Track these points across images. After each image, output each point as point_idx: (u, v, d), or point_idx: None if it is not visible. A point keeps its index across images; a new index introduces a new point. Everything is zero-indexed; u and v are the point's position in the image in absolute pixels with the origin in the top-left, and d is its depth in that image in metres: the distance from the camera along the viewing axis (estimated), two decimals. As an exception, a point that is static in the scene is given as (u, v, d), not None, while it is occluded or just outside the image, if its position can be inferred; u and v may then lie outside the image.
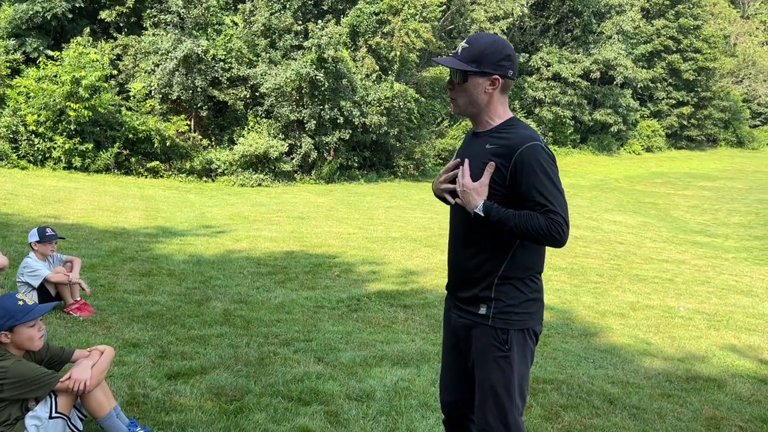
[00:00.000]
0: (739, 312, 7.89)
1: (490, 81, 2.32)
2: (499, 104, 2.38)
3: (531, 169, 2.22)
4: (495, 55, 2.31)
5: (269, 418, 3.52)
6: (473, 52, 2.32)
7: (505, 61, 2.33)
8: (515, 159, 2.24)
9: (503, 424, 2.34)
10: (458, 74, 2.33)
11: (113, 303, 5.81)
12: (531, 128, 2.36)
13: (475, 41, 2.34)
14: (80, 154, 18.02)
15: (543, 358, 5.19)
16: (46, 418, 2.79)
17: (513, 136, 2.30)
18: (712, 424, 4.03)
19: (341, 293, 7.09)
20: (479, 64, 2.30)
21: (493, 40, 2.34)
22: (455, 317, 2.48)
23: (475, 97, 2.34)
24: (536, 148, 2.25)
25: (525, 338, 2.35)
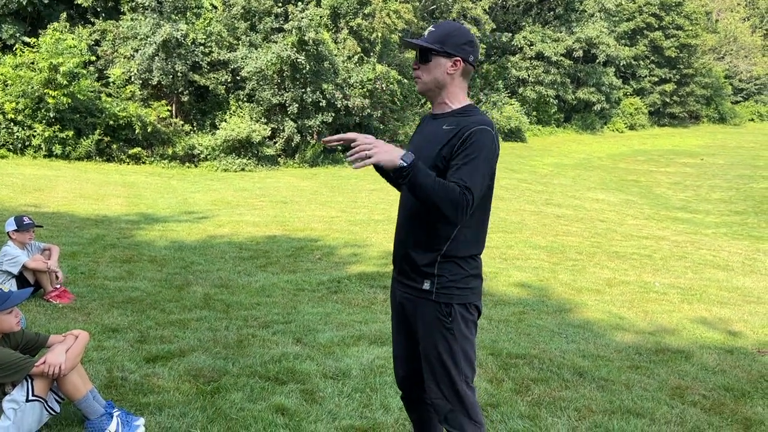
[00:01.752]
0: (713, 286, 8.08)
1: (452, 62, 2.43)
2: (459, 88, 2.49)
3: (472, 149, 2.31)
4: (458, 38, 2.43)
5: (245, 397, 3.61)
6: (438, 35, 2.44)
7: (467, 45, 2.45)
8: (463, 134, 2.34)
9: (454, 392, 2.44)
10: (424, 52, 2.44)
11: (93, 290, 5.85)
12: (488, 118, 2.44)
13: (441, 25, 2.46)
14: (60, 142, 17.88)
15: (517, 334, 5.32)
16: (23, 401, 2.86)
17: (470, 118, 2.41)
18: (676, 394, 4.18)
19: (322, 276, 7.17)
20: (443, 45, 2.42)
21: (458, 26, 2.48)
22: (400, 294, 2.58)
23: (437, 75, 2.44)
24: (485, 132, 2.34)
25: (467, 311, 2.45)
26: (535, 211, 15.55)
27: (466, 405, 2.47)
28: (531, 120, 35.70)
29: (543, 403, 3.85)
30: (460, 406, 2.45)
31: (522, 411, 3.72)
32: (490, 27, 32.26)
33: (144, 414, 3.26)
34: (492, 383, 4.13)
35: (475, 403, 2.50)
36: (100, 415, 3.00)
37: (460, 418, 2.46)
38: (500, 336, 5.21)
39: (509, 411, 3.70)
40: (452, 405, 2.46)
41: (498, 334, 5.28)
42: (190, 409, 3.39)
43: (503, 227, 11.84)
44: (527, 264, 8.57)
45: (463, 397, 2.45)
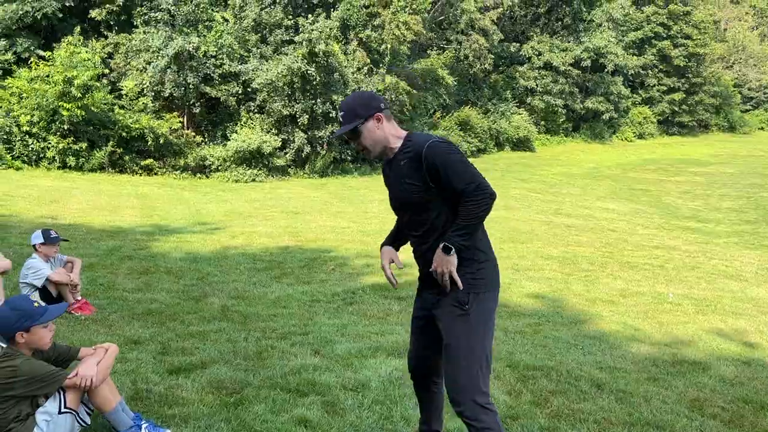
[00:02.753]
0: (727, 296, 8.07)
1: (374, 120, 2.79)
2: (393, 130, 2.85)
3: (439, 163, 2.66)
4: (362, 102, 2.80)
5: (268, 409, 3.66)
6: (350, 113, 2.79)
7: (371, 101, 2.81)
8: (423, 159, 2.69)
9: (468, 375, 2.68)
10: (352, 132, 2.80)
11: (113, 301, 5.93)
12: (426, 134, 2.82)
13: (345, 104, 2.82)
14: (74, 154, 18.07)
15: (533, 345, 5.34)
16: (56, 413, 2.92)
17: (413, 145, 2.77)
18: (695, 406, 4.19)
19: (336, 287, 7.23)
20: (359, 116, 2.77)
21: (356, 94, 2.87)
22: (426, 294, 2.93)
23: (374, 137, 2.81)
24: (434, 144, 2.70)
25: (483, 299, 2.77)
26: (545, 221, 15.56)
27: (481, 393, 2.68)
28: (539, 129, 35.73)
29: (562, 416, 3.88)
30: (475, 394, 2.68)
31: (542, 423, 3.74)
32: (498, 37, 32.38)
33: (170, 426, 3.32)
34: (510, 395, 4.16)
35: (488, 393, 2.72)
36: (129, 426, 3.05)
37: (476, 408, 2.67)
38: (517, 348, 5.24)
39: (529, 423, 3.72)
40: (468, 393, 2.67)
41: (514, 345, 5.31)
42: (214, 421, 3.44)
43: (514, 237, 11.86)
44: (540, 275, 8.59)
45: (475, 378, 2.68)
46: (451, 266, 2.67)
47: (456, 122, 29.24)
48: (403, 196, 2.82)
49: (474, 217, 2.64)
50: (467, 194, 2.64)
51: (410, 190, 2.76)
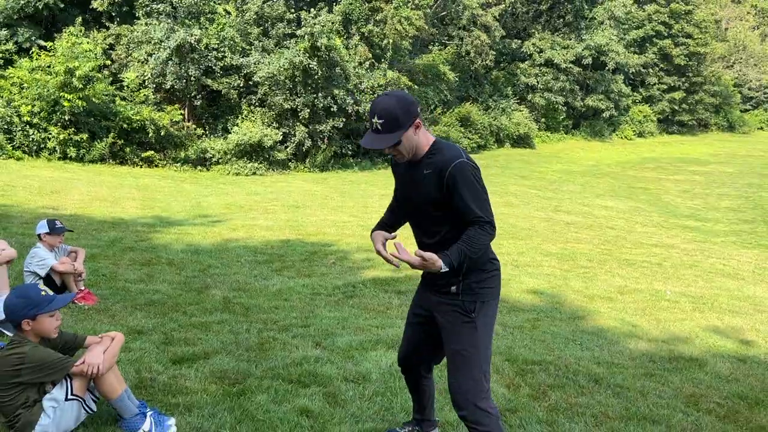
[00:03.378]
0: (724, 295, 8.13)
1: (414, 126, 2.70)
2: (425, 136, 2.79)
3: (461, 186, 2.66)
4: (404, 110, 2.65)
5: (271, 399, 3.71)
6: (390, 120, 2.64)
7: (411, 106, 2.67)
8: (447, 177, 2.67)
9: (471, 380, 2.72)
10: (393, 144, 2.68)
11: (116, 292, 5.97)
12: (455, 147, 2.77)
13: (386, 111, 2.64)
14: (75, 145, 18.08)
15: (532, 340, 5.40)
16: (63, 400, 2.97)
17: (444, 156, 2.72)
18: (691, 402, 4.25)
19: (337, 280, 7.27)
20: (401, 126, 2.65)
21: (397, 99, 2.67)
22: (429, 295, 2.95)
23: (412, 144, 2.73)
24: (462, 165, 2.67)
25: (487, 308, 2.81)
26: (544, 217, 15.61)
27: (483, 398, 2.72)
28: (540, 126, 35.76)
29: (560, 409, 3.93)
30: (477, 399, 2.71)
31: (540, 416, 3.80)
32: (500, 34, 32.35)
33: (174, 414, 3.37)
34: (509, 389, 4.21)
35: (490, 397, 2.77)
36: (134, 414, 3.10)
37: (477, 412, 2.71)
38: (516, 342, 5.29)
39: (527, 416, 3.78)
40: (471, 398, 2.71)
41: (513, 340, 5.36)
42: (218, 410, 3.49)
43: (514, 234, 11.91)
44: (539, 271, 8.64)
45: (477, 382, 2.72)
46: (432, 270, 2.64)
47: (457, 118, 29.25)
48: (420, 203, 2.81)
49: (475, 245, 2.64)
50: (478, 217, 2.66)
51: (429, 201, 2.75)
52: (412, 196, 2.84)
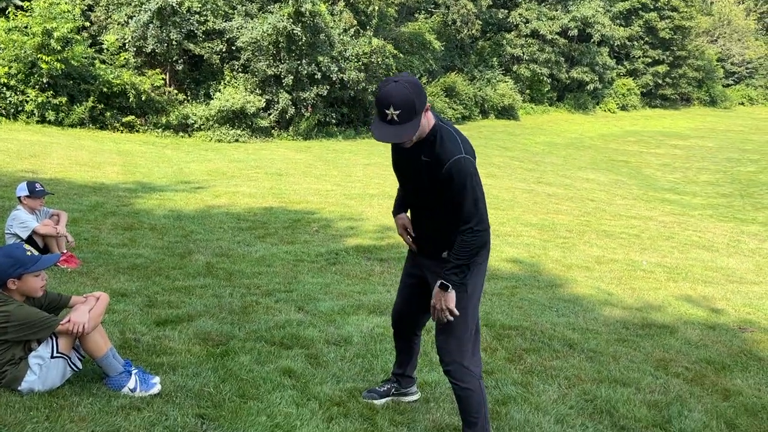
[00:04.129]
0: (698, 265, 8.33)
1: (425, 113, 2.64)
2: (431, 119, 2.72)
3: (456, 185, 2.65)
4: (420, 97, 2.57)
5: (254, 360, 3.79)
6: (408, 110, 2.54)
7: (423, 92, 2.61)
8: (444, 172, 2.65)
9: (457, 339, 2.83)
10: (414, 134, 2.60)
11: (98, 256, 5.99)
12: (456, 139, 2.69)
13: (401, 101, 2.53)
14: (54, 108, 17.77)
15: (510, 307, 5.53)
16: (48, 358, 3.02)
17: (442, 150, 2.67)
18: (661, 366, 4.41)
19: (320, 248, 7.34)
20: (417, 114, 2.57)
21: (411, 87, 2.55)
22: (422, 259, 3.03)
23: (423, 129, 2.68)
24: (460, 164, 2.64)
25: (477, 271, 2.86)
26: (526, 189, 15.75)
27: (468, 358, 2.82)
28: (524, 98, 35.75)
29: (535, 372, 4.06)
30: (462, 358, 2.82)
31: (515, 378, 3.92)
32: (487, 2, 32.09)
33: (158, 373, 3.43)
34: (486, 352, 4.33)
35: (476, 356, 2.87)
36: (119, 372, 3.16)
37: (461, 370, 2.82)
38: (494, 309, 5.41)
39: (503, 378, 3.90)
40: (456, 357, 2.81)
41: (492, 306, 5.49)
42: (202, 369, 3.56)
43: (495, 204, 12.03)
44: (519, 240, 8.77)
45: (466, 349, 2.81)
46: (450, 302, 2.75)
47: (442, 88, 29.13)
48: (418, 187, 2.82)
49: (469, 254, 2.69)
50: (469, 226, 2.67)
51: (426, 188, 2.76)
52: (409, 179, 2.83)
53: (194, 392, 3.28)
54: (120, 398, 3.12)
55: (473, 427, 2.85)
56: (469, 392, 2.82)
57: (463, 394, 2.83)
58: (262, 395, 3.33)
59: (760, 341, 5.21)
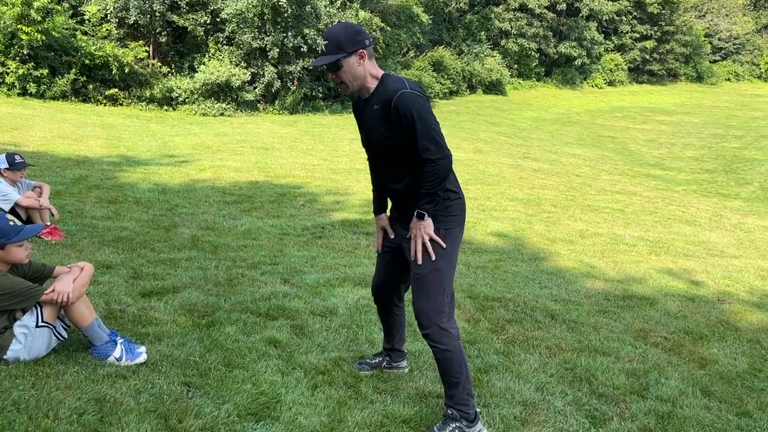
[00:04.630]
0: (680, 239, 8.45)
1: (358, 55, 2.78)
2: (372, 69, 2.85)
3: (405, 119, 2.73)
4: (350, 36, 2.76)
5: (239, 330, 3.82)
6: (333, 43, 2.76)
7: (357, 35, 2.77)
8: (392, 109, 2.74)
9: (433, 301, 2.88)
10: (334, 65, 2.78)
11: (83, 228, 5.96)
12: (400, 79, 2.80)
13: (331, 34, 2.77)
14: (35, 80, 17.49)
15: (493, 279, 5.59)
16: (33, 327, 3.03)
17: (385, 90, 2.80)
18: (640, 336, 4.50)
19: (306, 221, 7.35)
20: (344, 50, 2.75)
21: (343, 25, 2.81)
22: (398, 228, 3.10)
23: (355, 73, 2.80)
24: (407, 98, 2.72)
25: (452, 235, 2.92)
26: (513, 164, 15.80)
27: (444, 320, 2.88)
28: (512, 73, 35.65)
29: (517, 342, 4.13)
30: (440, 320, 2.87)
31: (497, 348, 3.99)
32: (475, -24, 31.79)
33: (144, 343, 3.46)
34: (470, 323, 4.40)
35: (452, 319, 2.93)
36: (105, 342, 3.18)
37: (438, 331, 2.87)
38: (478, 281, 5.48)
39: (486, 347, 3.97)
40: (433, 319, 2.86)
41: (476, 279, 5.55)
42: (187, 339, 3.59)
43: (482, 179, 12.07)
44: (504, 215, 8.84)
45: (442, 311, 2.87)
46: (429, 229, 2.82)
47: (429, 62, 28.97)
48: (376, 141, 2.91)
49: (435, 183, 2.76)
50: (427, 157, 2.72)
51: (383, 136, 2.83)
52: (371, 138, 2.93)
53: (180, 361, 3.31)
54: (106, 367, 3.14)
55: (455, 387, 2.89)
56: (448, 354, 2.86)
57: (442, 356, 2.88)
58: (247, 364, 3.37)
59: (737, 312, 5.32)
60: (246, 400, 3.00)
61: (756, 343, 4.55)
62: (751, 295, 5.92)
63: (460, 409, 2.87)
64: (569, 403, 3.34)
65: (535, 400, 3.33)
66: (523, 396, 3.36)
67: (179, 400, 2.93)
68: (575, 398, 3.40)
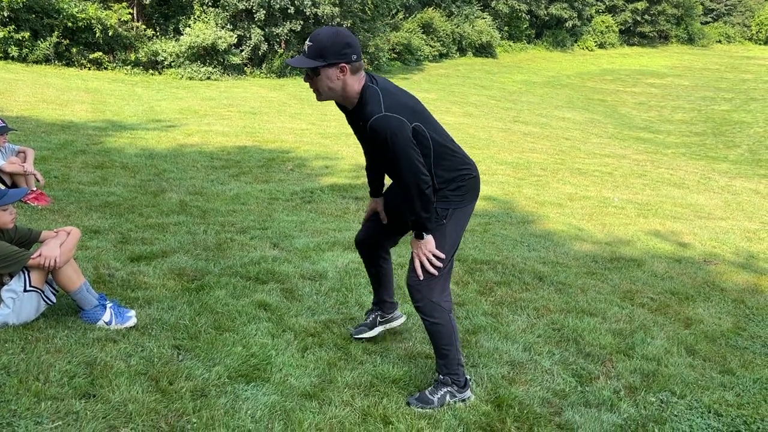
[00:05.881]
0: (668, 202, 8.50)
1: (339, 69, 2.58)
2: (355, 84, 2.64)
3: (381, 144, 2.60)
4: (336, 46, 2.55)
5: (229, 294, 3.83)
6: (317, 48, 2.56)
7: (346, 49, 2.57)
8: (369, 133, 2.60)
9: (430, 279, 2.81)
10: (310, 70, 2.60)
11: (69, 194, 5.90)
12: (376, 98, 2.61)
13: (317, 37, 2.58)
14: (16, 44, 17.10)
15: (482, 242, 5.62)
16: (21, 292, 3.02)
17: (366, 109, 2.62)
18: (627, 297, 4.55)
19: (295, 186, 7.32)
20: (324, 58, 2.55)
21: (334, 33, 2.58)
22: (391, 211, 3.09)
23: (331, 85, 2.62)
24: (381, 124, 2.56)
25: (459, 214, 2.86)
26: (503, 128, 15.74)
27: (438, 294, 2.84)
28: (502, 35, 35.26)
29: (505, 303, 4.17)
30: (432, 295, 2.83)
31: (485, 309, 4.03)
32: (465, -65, 31.16)
33: (134, 307, 3.46)
34: (458, 285, 4.43)
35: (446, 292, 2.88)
36: (94, 306, 3.18)
37: (430, 304, 2.84)
38: (467, 244, 5.50)
39: (474, 309, 4.01)
40: (426, 293, 2.82)
41: (465, 242, 5.57)
42: (177, 303, 3.60)
43: (472, 143, 12.03)
44: (494, 179, 8.83)
45: (435, 285, 2.82)
46: (429, 246, 2.76)
47: (419, 24, 28.57)
48: (369, 151, 2.96)
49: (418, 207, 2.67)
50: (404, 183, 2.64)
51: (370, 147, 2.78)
52: (360, 140, 2.88)
53: (170, 325, 3.32)
54: (95, 331, 3.15)
55: (445, 358, 2.91)
56: (438, 326, 2.86)
57: (433, 328, 2.88)
58: (237, 327, 3.39)
59: (723, 273, 5.39)
60: (236, 362, 3.02)
61: (740, 303, 4.62)
62: (737, 256, 6.00)
63: (451, 376, 2.91)
64: (556, 362, 3.39)
65: (523, 359, 3.38)
66: (511, 356, 3.40)
67: (170, 363, 2.95)
68: (562, 358, 3.45)
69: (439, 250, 2.77)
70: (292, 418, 2.65)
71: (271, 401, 2.75)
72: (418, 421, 2.74)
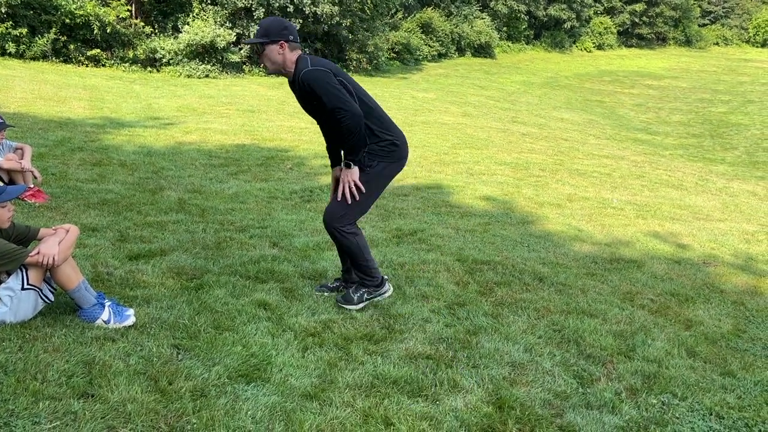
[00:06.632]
0: (667, 203, 8.50)
1: (279, 45, 3.40)
2: (291, 57, 3.44)
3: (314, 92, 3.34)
4: (276, 28, 3.39)
5: (229, 293, 3.81)
6: (262, 30, 3.40)
7: (284, 30, 3.40)
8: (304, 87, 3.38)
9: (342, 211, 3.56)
10: (257, 46, 3.43)
11: (67, 191, 5.87)
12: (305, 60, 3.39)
13: (263, 23, 3.43)
14: (14, 40, 17.02)
15: (482, 243, 5.60)
16: (19, 290, 2.99)
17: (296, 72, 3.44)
18: (627, 298, 4.54)
19: (294, 185, 7.29)
20: (268, 37, 3.38)
21: (274, 18, 3.46)
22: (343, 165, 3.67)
23: (273, 58, 3.43)
24: (308, 74, 3.32)
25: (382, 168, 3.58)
26: (501, 128, 15.73)
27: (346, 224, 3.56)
28: (501, 36, 35.26)
29: (505, 304, 4.16)
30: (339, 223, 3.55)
31: (486, 310, 4.02)
32: (465, -65, 31.14)
33: (132, 306, 3.43)
34: (459, 285, 4.41)
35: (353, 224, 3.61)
36: (93, 304, 3.15)
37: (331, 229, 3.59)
38: (467, 244, 5.49)
39: (474, 309, 3.99)
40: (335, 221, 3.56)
41: (464, 242, 5.56)
42: (176, 302, 3.57)
43: (470, 143, 12.02)
44: (493, 179, 8.82)
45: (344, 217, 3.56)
46: (354, 176, 3.48)
47: (418, 24, 28.56)
48: (308, 111, 3.56)
49: (352, 137, 3.36)
50: (338, 117, 3.30)
51: (309, 108, 3.51)
52: (304, 109, 3.55)
53: (169, 324, 3.29)
54: (94, 329, 3.12)
55: (359, 267, 3.73)
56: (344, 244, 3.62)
57: (339, 244, 3.70)
58: (237, 326, 3.37)
59: (722, 275, 5.39)
60: (236, 362, 3.00)
61: (740, 305, 4.62)
62: (736, 258, 5.99)
63: (368, 278, 3.72)
64: (557, 363, 3.38)
65: (524, 360, 3.36)
66: (512, 357, 3.39)
67: (169, 362, 2.93)
68: (563, 359, 3.44)
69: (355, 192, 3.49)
70: (292, 418, 2.63)
71: (271, 402, 2.73)
72: (419, 422, 2.72)
